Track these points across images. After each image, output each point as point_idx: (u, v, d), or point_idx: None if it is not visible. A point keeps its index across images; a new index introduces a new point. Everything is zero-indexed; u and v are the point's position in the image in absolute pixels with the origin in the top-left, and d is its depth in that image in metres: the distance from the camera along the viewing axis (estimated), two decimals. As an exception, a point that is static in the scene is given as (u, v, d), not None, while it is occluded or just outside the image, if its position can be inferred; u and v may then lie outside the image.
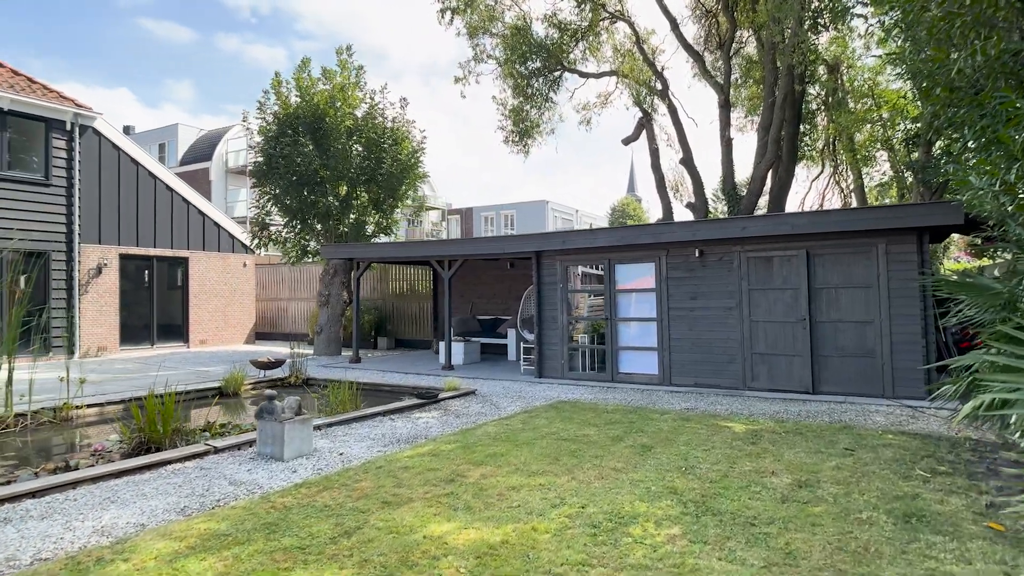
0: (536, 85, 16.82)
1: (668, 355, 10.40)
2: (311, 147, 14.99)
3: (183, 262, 17.41)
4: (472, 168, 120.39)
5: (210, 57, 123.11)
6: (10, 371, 7.82)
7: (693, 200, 15.97)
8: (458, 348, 13.91)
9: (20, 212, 13.93)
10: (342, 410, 7.99)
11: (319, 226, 15.94)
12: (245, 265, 19.00)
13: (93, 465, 5.93)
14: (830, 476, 5.15)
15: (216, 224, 18.15)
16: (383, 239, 16.94)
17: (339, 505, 4.51)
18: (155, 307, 16.85)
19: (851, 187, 20.22)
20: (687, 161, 16.00)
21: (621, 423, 7.31)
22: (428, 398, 8.87)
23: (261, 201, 15.73)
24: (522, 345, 12.38)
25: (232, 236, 18.57)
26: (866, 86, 17.42)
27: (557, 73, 17.03)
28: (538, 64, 16.55)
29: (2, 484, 5.13)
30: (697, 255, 10.20)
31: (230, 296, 18.50)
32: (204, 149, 38.94)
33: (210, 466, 5.68)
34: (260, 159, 15.23)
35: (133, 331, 16.44)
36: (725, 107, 14.85)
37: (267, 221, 15.91)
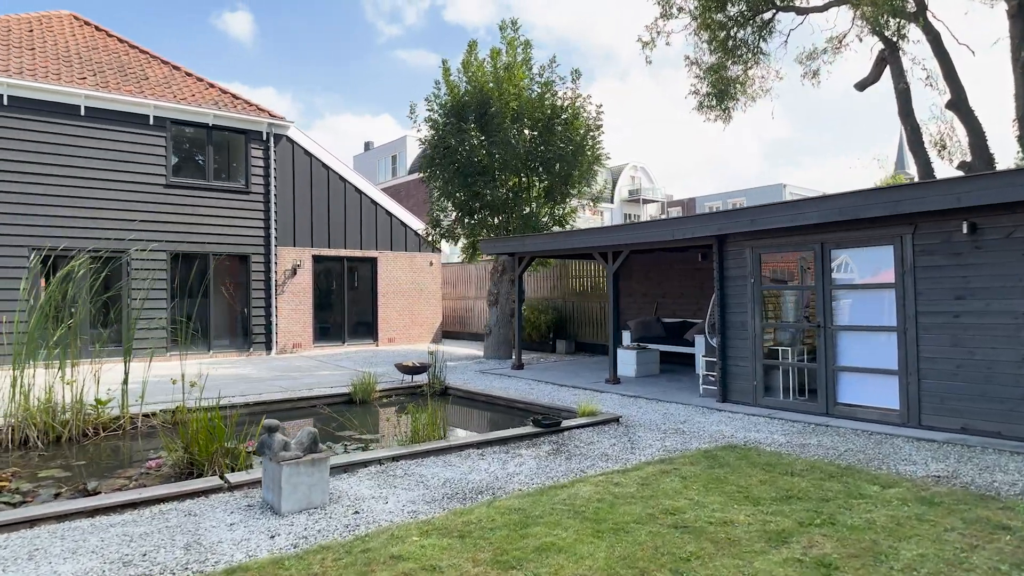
0: (740, 35, 13.61)
1: (915, 382, 6.97)
2: (477, 134, 13.90)
3: (372, 262, 17.66)
4: (701, 158, 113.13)
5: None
6: (126, 372, 7.71)
7: (968, 158, 11.38)
8: (628, 357, 11.58)
9: (225, 218, 15.05)
10: (428, 437, 6.39)
11: (494, 219, 14.78)
12: (431, 264, 18.77)
13: (120, 489, 5.14)
14: None
15: (403, 224, 18.15)
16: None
17: (227, 631, 2.83)
18: (346, 306, 17.30)
19: None
20: (958, 104, 11.43)
21: (806, 499, 4.54)
22: (547, 426, 6.88)
23: (433, 196, 15.09)
24: (703, 358, 9.65)
25: (418, 235, 18.43)
26: None
27: (768, 15, 13.60)
28: (742, 6, 13.35)
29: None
30: (965, 231, 6.64)
31: (417, 295, 18.39)
32: (428, 157, 41.20)
33: (199, 511, 4.44)
34: (429, 152, 14.56)
35: (326, 329, 17.04)
36: (1018, 17, 10.14)
37: (439, 217, 15.22)
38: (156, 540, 3.96)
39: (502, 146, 13.55)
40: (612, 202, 51.90)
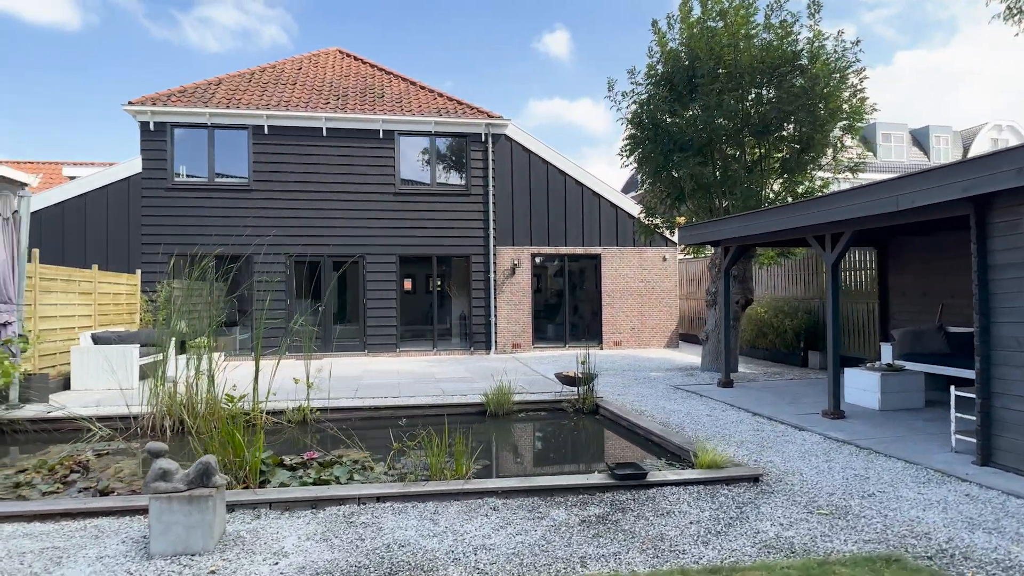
0: None
1: None
2: (692, 103, 11.70)
3: (595, 259, 16.46)
4: None
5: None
6: (256, 370, 8.04)
7: None
8: (868, 381, 8.28)
9: (446, 221, 15.55)
10: (456, 474, 5.09)
11: (718, 203, 12.30)
12: (665, 259, 16.69)
13: (134, 492, 5.14)
14: None
15: (630, 216, 16.51)
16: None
17: None
18: (567, 306, 16.44)
19: None
20: None
21: None
22: (621, 478, 4.95)
23: (644, 182, 13.23)
24: (955, 392, 6.15)
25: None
26: None
27: None
28: None
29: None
30: None
31: (647, 294, 16.54)
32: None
33: (107, 533, 4.03)
34: (634, 131, 12.74)
35: (545, 330, 16.44)
36: None
37: (652, 204, 13.27)
38: (19, 563, 3.62)
39: (715, 111, 11.10)
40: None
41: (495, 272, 15.79)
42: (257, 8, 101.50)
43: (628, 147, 12.84)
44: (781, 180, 11.76)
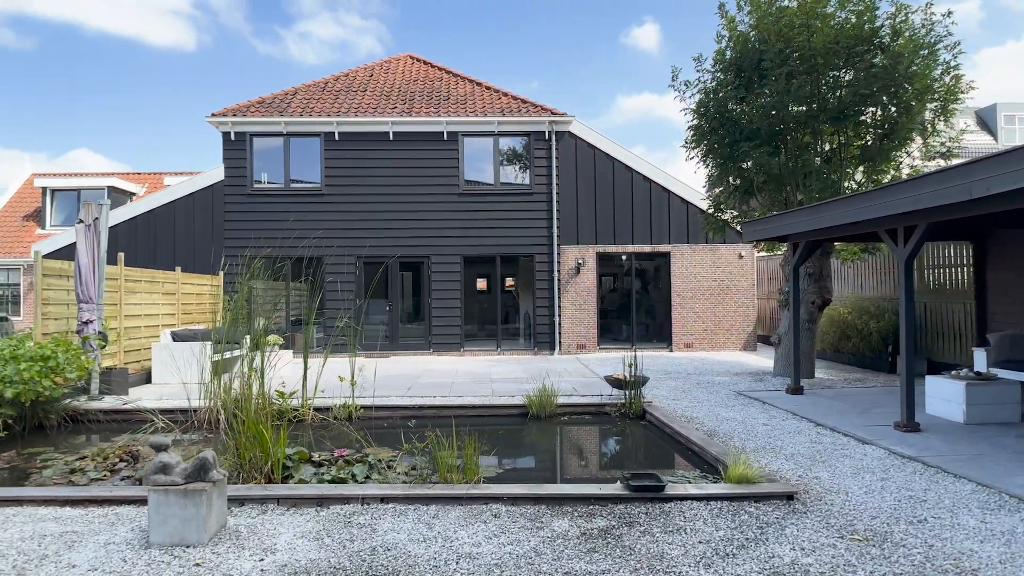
0: None
1: None
2: (761, 89, 11.02)
3: (664, 257, 15.86)
4: None
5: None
6: (305, 368, 8.31)
7: None
8: (951, 391, 7.44)
9: (510, 220, 15.50)
10: (469, 478, 4.99)
11: (793, 195, 11.52)
12: (741, 256, 15.82)
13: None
14: None
15: (701, 212, 15.77)
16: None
17: None
18: (633, 306, 15.93)
19: None
20: None
21: None
22: (636, 489, 4.67)
23: (711, 175, 12.58)
24: (1043, 405, 5.37)
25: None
26: None
27: None
28: None
29: None
30: None
31: (721, 294, 15.75)
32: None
33: (120, 520, 4.24)
34: (699, 123, 12.13)
35: (611, 330, 16.02)
36: None
37: (719, 198, 12.59)
38: (36, 545, 3.86)
39: (786, 97, 10.38)
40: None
41: (559, 271, 15.57)
42: (353, 20, 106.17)
43: (693, 139, 12.25)
44: (862, 169, 10.82)
